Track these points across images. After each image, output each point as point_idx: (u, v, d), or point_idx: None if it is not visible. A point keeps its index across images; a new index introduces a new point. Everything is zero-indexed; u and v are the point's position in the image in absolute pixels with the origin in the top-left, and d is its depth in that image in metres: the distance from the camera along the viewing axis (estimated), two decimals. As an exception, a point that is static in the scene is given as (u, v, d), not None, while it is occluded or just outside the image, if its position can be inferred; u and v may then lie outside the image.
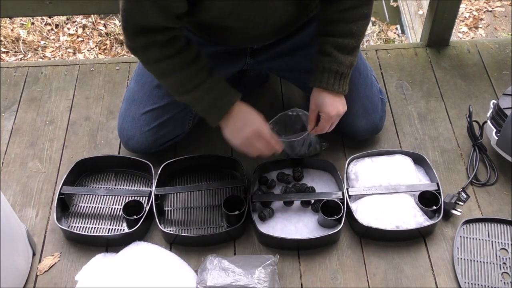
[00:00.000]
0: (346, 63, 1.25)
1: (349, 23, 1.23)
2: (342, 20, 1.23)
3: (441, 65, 1.77)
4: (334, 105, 1.28)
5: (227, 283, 1.18)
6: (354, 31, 1.23)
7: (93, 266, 1.28)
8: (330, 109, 1.27)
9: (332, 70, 1.25)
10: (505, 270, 1.26)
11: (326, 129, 1.32)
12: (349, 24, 1.23)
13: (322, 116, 1.29)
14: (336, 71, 1.25)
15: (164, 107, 1.40)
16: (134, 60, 1.81)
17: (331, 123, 1.30)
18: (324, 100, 1.27)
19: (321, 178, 1.44)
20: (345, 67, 1.25)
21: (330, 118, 1.28)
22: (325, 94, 1.27)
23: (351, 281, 1.27)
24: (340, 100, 1.29)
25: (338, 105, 1.28)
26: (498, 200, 1.41)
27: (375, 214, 1.31)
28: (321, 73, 1.26)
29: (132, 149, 1.45)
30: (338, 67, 1.25)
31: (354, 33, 1.24)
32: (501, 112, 1.39)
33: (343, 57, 1.24)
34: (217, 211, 1.39)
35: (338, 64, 1.24)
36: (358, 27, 1.24)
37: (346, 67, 1.25)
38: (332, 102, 1.27)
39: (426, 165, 1.44)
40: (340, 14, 1.23)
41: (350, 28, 1.23)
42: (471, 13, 3.39)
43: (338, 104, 1.28)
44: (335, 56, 1.24)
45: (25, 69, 1.80)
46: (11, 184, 1.47)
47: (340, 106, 1.29)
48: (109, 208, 1.41)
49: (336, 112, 1.28)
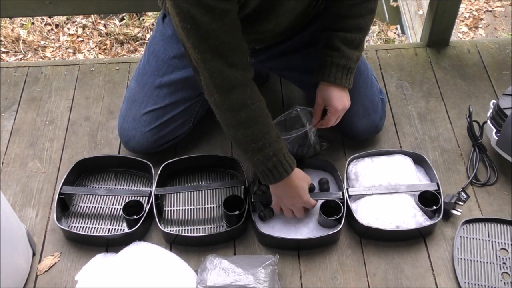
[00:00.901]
0: (354, 58, 1.27)
1: (357, 18, 1.25)
2: (351, 15, 1.25)
3: (441, 65, 1.77)
4: (341, 99, 1.29)
5: (227, 283, 1.18)
6: (361, 26, 1.26)
7: (93, 266, 1.28)
8: (337, 103, 1.29)
9: (340, 65, 1.26)
10: (505, 270, 1.26)
11: (332, 122, 1.33)
12: (358, 19, 1.25)
13: (330, 110, 1.31)
14: (344, 65, 1.26)
15: (165, 107, 1.40)
16: (134, 60, 1.81)
17: (337, 116, 1.32)
18: (332, 94, 1.29)
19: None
20: (352, 61, 1.27)
21: (337, 112, 1.30)
22: (333, 88, 1.28)
23: (351, 281, 1.27)
24: (346, 95, 1.31)
25: (344, 99, 1.30)
26: (498, 200, 1.41)
27: (375, 214, 1.31)
28: (329, 67, 1.27)
29: (132, 149, 1.45)
30: (346, 62, 1.26)
31: (362, 28, 1.26)
32: (501, 112, 1.39)
33: (351, 52, 1.26)
34: (217, 211, 1.39)
35: (346, 59, 1.26)
36: (366, 21, 1.26)
37: (354, 62, 1.27)
38: (340, 96, 1.29)
39: (426, 165, 1.44)
40: (349, 9, 1.24)
41: (358, 23, 1.25)
42: (471, 13, 3.39)
43: (345, 98, 1.30)
44: (344, 51, 1.25)
45: (25, 69, 1.80)
46: (11, 184, 1.47)
47: (346, 101, 1.31)
48: (109, 208, 1.41)
49: (343, 106, 1.30)
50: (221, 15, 1.04)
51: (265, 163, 1.19)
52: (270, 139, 1.18)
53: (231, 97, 1.14)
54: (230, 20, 1.07)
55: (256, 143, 1.17)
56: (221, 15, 1.04)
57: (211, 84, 1.12)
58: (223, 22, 1.05)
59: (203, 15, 1.02)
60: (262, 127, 1.17)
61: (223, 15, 1.04)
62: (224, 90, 1.13)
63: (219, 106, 1.15)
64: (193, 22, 1.04)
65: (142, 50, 3.08)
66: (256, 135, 1.17)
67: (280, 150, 1.20)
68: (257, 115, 1.16)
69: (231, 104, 1.14)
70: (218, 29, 1.05)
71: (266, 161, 1.19)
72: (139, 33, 3.18)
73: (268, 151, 1.18)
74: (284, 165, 1.20)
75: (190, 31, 1.05)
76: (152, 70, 1.41)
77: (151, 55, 1.42)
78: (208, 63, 1.10)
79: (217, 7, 1.02)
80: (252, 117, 1.16)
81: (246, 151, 1.20)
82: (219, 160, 1.46)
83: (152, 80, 1.40)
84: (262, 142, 1.17)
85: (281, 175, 1.21)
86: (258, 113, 1.17)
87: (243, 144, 1.19)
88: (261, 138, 1.17)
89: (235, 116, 1.15)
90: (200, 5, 1.01)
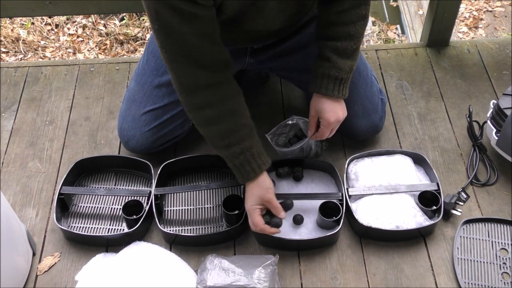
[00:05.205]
0: (346, 68, 1.24)
1: (347, 25, 1.22)
2: (340, 22, 1.22)
3: (441, 65, 1.77)
4: (333, 111, 1.26)
5: (227, 283, 1.18)
6: (352, 33, 1.22)
7: (93, 266, 1.28)
8: (329, 115, 1.26)
9: (331, 76, 1.24)
10: (505, 270, 1.26)
11: (326, 135, 1.31)
12: (347, 26, 1.22)
13: (322, 122, 1.28)
14: (335, 76, 1.24)
15: (164, 107, 1.40)
16: (134, 60, 1.81)
17: (331, 129, 1.30)
18: (323, 107, 1.26)
19: (321, 179, 1.44)
20: (344, 72, 1.24)
21: (329, 124, 1.27)
22: (325, 100, 1.26)
23: (351, 281, 1.27)
24: (340, 106, 1.28)
25: (337, 110, 1.27)
26: (498, 200, 1.41)
27: (375, 214, 1.31)
28: (321, 78, 1.25)
29: (132, 149, 1.45)
30: (338, 72, 1.23)
31: (353, 35, 1.23)
32: (501, 112, 1.39)
33: (343, 62, 1.23)
34: (217, 211, 1.39)
35: (337, 70, 1.23)
36: (357, 28, 1.22)
37: (346, 72, 1.24)
38: (332, 108, 1.26)
39: (426, 165, 1.44)
40: (338, 16, 1.22)
41: (348, 30, 1.22)
42: (471, 13, 3.40)
43: (338, 109, 1.27)
44: (334, 61, 1.23)
45: (25, 69, 1.80)
46: (11, 184, 1.47)
47: (340, 112, 1.27)
48: (109, 208, 1.41)
49: (336, 118, 1.27)
50: (191, 19, 1.03)
51: (232, 160, 1.20)
52: (238, 137, 1.18)
53: (197, 98, 1.15)
54: (202, 25, 1.06)
55: (223, 140, 1.18)
56: (191, 19, 1.03)
57: (177, 84, 1.15)
58: (193, 26, 1.05)
59: (171, 16, 1.02)
60: (230, 126, 1.18)
61: (193, 19, 1.04)
62: (189, 91, 1.15)
63: (185, 104, 1.18)
64: (161, 23, 1.05)
65: (142, 50, 3.08)
66: (223, 133, 1.18)
67: (248, 148, 1.18)
68: (225, 113, 1.17)
69: (196, 104, 1.16)
70: (188, 33, 1.05)
71: (233, 159, 1.19)
72: (139, 33, 3.19)
73: (235, 149, 1.18)
74: (252, 164, 1.19)
75: (158, 32, 1.07)
76: (151, 69, 1.41)
77: (151, 55, 1.42)
78: (175, 64, 1.11)
79: (185, 10, 1.01)
80: (219, 115, 1.16)
81: (215, 147, 1.22)
82: (219, 160, 1.45)
83: (151, 80, 1.40)
84: (229, 139, 1.18)
85: (249, 174, 1.20)
86: (226, 112, 1.17)
87: (211, 140, 1.21)
88: (228, 135, 1.17)
89: (201, 115, 1.17)
90: (167, 6, 1.01)
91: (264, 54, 1.43)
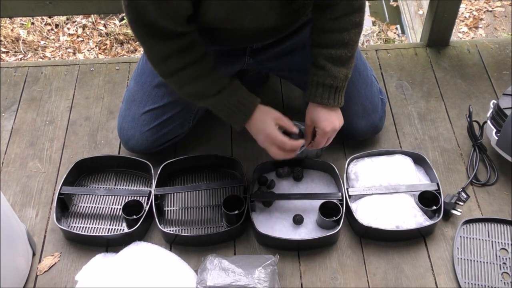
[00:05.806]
0: (341, 77, 1.23)
1: (341, 32, 1.21)
2: (334, 29, 1.21)
3: (441, 65, 1.77)
4: (329, 120, 1.25)
5: (227, 283, 1.18)
6: (346, 41, 1.21)
7: (93, 266, 1.28)
8: (325, 124, 1.25)
9: (326, 85, 1.23)
10: (505, 270, 1.26)
11: (322, 144, 1.29)
12: (341, 34, 1.21)
13: (318, 131, 1.27)
14: (330, 85, 1.23)
15: (164, 107, 1.40)
16: (134, 60, 1.81)
17: (328, 138, 1.28)
18: (319, 116, 1.25)
19: (321, 179, 1.44)
20: (339, 80, 1.23)
21: (325, 133, 1.26)
22: (320, 109, 1.25)
23: (351, 281, 1.27)
24: (336, 114, 1.27)
25: (333, 119, 1.26)
26: (498, 200, 1.41)
27: (375, 214, 1.31)
28: (315, 87, 1.24)
29: (132, 149, 1.45)
30: (332, 81, 1.22)
31: (347, 43, 1.21)
32: (501, 112, 1.39)
33: (337, 70, 1.22)
34: (217, 211, 1.39)
35: (332, 78, 1.22)
36: (351, 36, 1.21)
37: (341, 81, 1.23)
38: (327, 117, 1.25)
39: (426, 165, 1.44)
40: (332, 23, 1.21)
41: (343, 38, 1.21)
42: (471, 13, 3.39)
43: (334, 118, 1.26)
44: (329, 70, 1.22)
45: (25, 69, 1.80)
46: (11, 184, 1.47)
47: (335, 121, 1.26)
48: (109, 208, 1.41)
49: (332, 127, 1.25)
50: None
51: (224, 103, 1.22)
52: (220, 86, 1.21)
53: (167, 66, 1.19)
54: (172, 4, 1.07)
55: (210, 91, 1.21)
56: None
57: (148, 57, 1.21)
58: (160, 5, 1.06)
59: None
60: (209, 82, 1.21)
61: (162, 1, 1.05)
62: (158, 61, 1.20)
63: (160, 74, 1.23)
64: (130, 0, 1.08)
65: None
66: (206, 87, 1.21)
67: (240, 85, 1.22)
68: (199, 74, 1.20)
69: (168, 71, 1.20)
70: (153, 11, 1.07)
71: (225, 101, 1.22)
72: (139, 33, 3.18)
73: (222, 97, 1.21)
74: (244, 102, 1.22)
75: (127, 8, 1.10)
76: (151, 69, 1.39)
77: (150, 55, 1.42)
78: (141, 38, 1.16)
79: None
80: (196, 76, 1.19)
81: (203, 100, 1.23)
82: (219, 160, 1.46)
83: (151, 79, 1.40)
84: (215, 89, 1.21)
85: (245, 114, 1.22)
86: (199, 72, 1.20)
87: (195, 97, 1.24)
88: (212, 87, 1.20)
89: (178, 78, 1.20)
90: None
91: (264, 54, 1.43)
